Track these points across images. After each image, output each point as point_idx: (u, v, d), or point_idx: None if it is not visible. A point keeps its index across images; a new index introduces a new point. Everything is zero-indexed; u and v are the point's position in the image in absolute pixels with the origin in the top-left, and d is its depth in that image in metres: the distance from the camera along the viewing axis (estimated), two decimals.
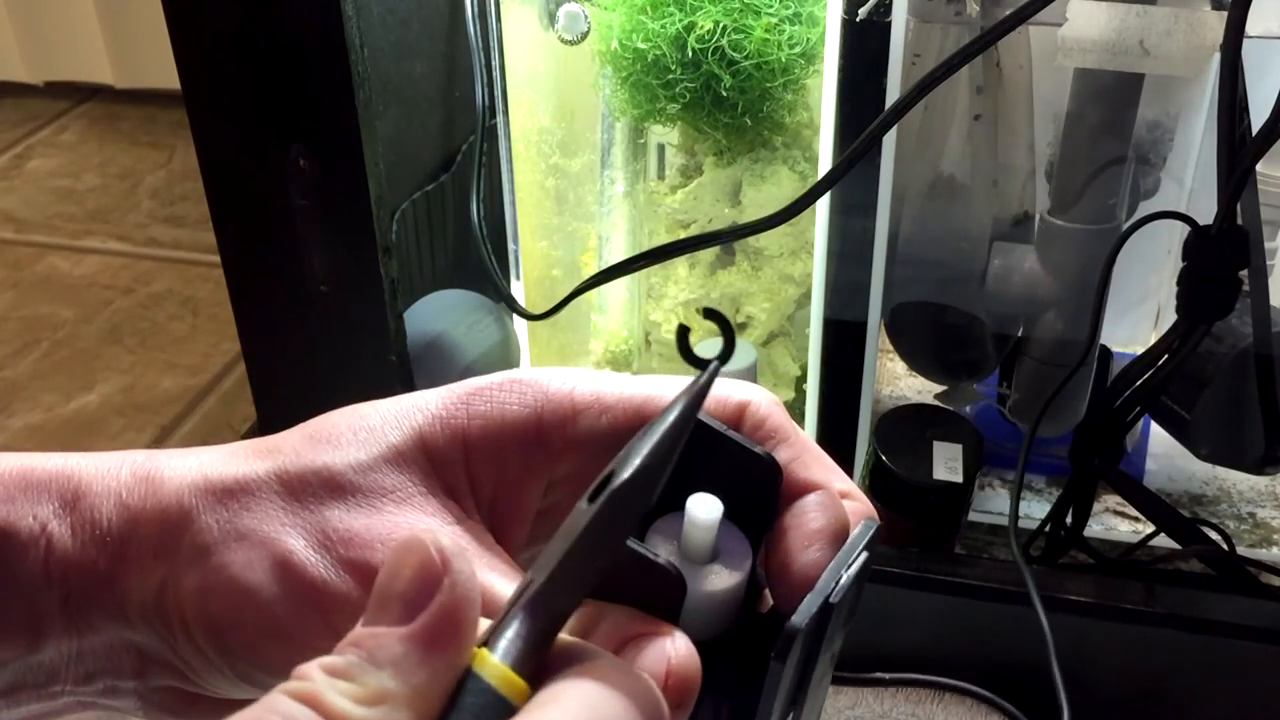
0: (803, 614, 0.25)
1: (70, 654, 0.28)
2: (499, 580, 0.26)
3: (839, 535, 0.27)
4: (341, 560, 0.26)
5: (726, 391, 0.29)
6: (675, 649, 0.24)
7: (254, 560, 0.26)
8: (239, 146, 0.60)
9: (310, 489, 0.27)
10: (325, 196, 0.60)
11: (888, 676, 0.56)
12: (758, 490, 0.27)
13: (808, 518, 0.27)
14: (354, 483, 0.27)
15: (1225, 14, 0.53)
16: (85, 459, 0.28)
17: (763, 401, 0.29)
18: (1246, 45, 0.52)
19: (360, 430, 0.28)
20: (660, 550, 0.26)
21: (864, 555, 0.27)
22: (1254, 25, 0.52)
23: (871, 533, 0.27)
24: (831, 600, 0.26)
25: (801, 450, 0.28)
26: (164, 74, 1.58)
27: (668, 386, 0.29)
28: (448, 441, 0.27)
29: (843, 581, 0.26)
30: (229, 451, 0.28)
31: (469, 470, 0.28)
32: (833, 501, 0.28)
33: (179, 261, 1.34)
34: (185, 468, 0.28)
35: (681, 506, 0.26)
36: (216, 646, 0.27)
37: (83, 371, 1.14)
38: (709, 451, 0.27)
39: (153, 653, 0.28)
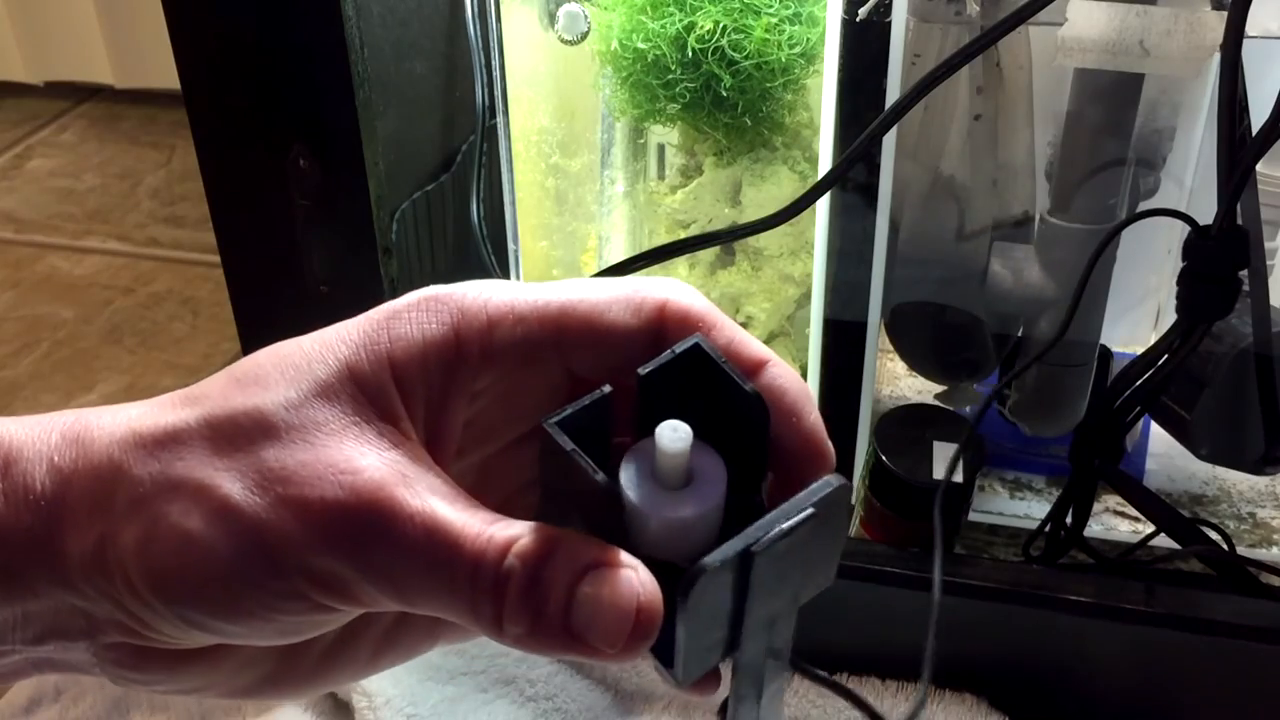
0: (716, 556, 0.25)
1: (16, 618, 0.28)
2: (440, 504, 0.26)
3: (808, 394, 0.29)
4: (281, 498, 0.26)
5: (641, 293, 0.29)
6: (643, 584, 0.25)
7: (190, 508, 0.26)
8: (239, 146, 0.60)
9: (242, 431, 0.27)
10: (325, 196, 0.60)
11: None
12: (743, 422, 0.28)
13: (778, 391, 0.28)
14: (286, 421, 0.27)
15: (1225, 14, 0.53)
16: (15, 424, 0.28)
17: (680, 295, 0.29)
18: (1246, 45, 0.52)
19: (287, 369, 0.28)
20: (635, 474, 0.26)
21: (808, 512, 0.26)
22: (1254, 25, 0.52)
23: (826, 492, 0.26)
24: (754, 549, 0.25)
25: (733, 332, 0.29)
26: (164, 74, 1.58)
27: (584, 290, 0.29)
28: (373, 367, 0.28)
29: (771, 534, 0.25)
30: (156, 404, 0.28)
31: (400, 392, 0.28)
32: (784, 370, 0.29)
33: (179, 261, 1.34)
34: (114, 424, 0.28)
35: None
36: (161, 598, 0.27)
37: (83, 371, 1.14)
38: (698, 377, 0.27)
39: (98, 613, 0.28)
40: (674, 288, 0.29)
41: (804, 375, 0.78)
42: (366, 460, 0.27)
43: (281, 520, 0.26)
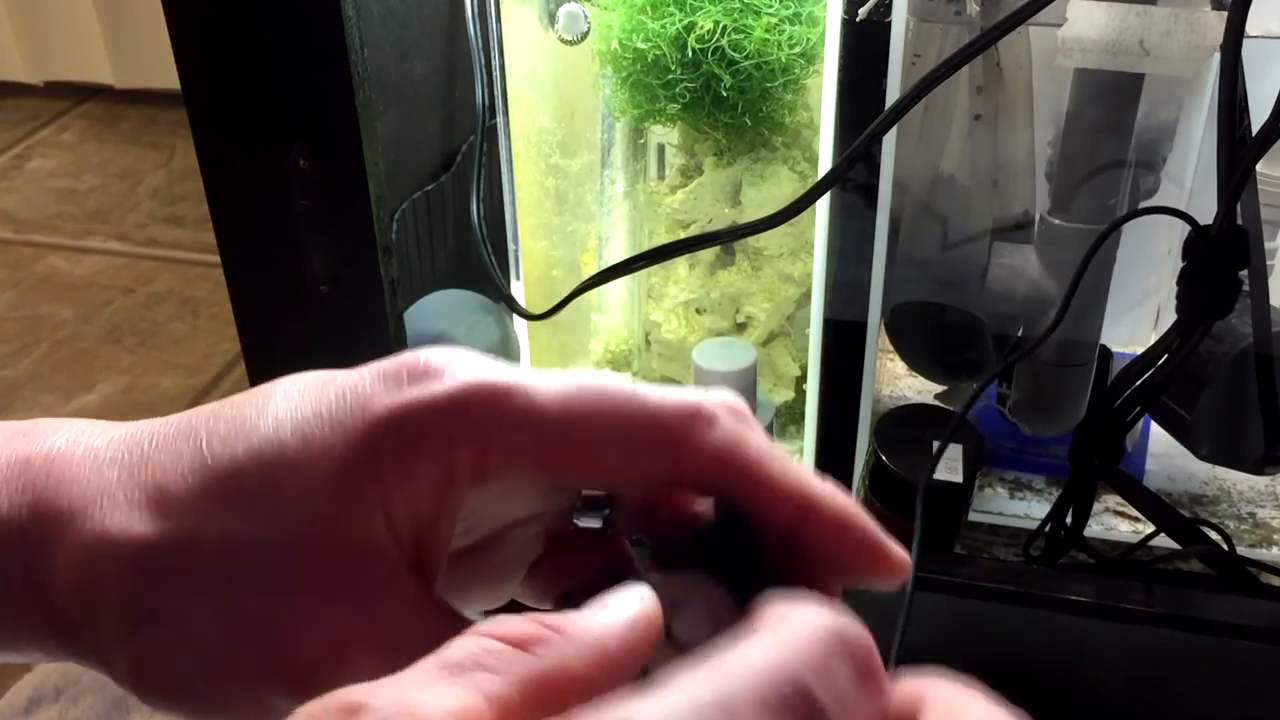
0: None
1: (10, 649, 0.28)
2: (415, 694, 0.22)
3: (861, 514, 0.27)
4: (263, 655, 0.25)
5: (660, 426, 0.26)
6: None
7: (176, 650, 0.26)
8: (239, 146, 0.60)
9: (219, 565, 0.26)
10: (325, 196, 0.60)
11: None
12: (743, 556, 0.27)
13: (839, 534, 0.27)
14: (268, 567, 0.25)
15: (1225, 14, 0.53)
16: None
17: (705, 433, 0.26)
18: (1246, 45, 0.52)
19: (269, 490, 0.26)
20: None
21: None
22: (1254, 25, 0.52)
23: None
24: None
25: (769, 469, 0.27)
26: (164, 74, 1.58)
27: (594, 411, 0.26)
28: (363, 511, 0.26)
29: None
30: (124, 493, 0.26)
31: (389, 521, 0.26)
32: (831, 504, 0.27)
33: (179, 261, 1.34)
34: (84, 523, 0.26)
35: (687, 560, 0.26)
36: (153, 705, 0.27)
37: (83, 371, 1.14)
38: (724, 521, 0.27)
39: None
40: (700, 418, 0.26)
41: (804, 375, 0.78)
42: (335, 643, 0.25)
43: (267, 677, 0.25)
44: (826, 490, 0.27)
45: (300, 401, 0.27)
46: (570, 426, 0.26)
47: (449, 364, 0.27)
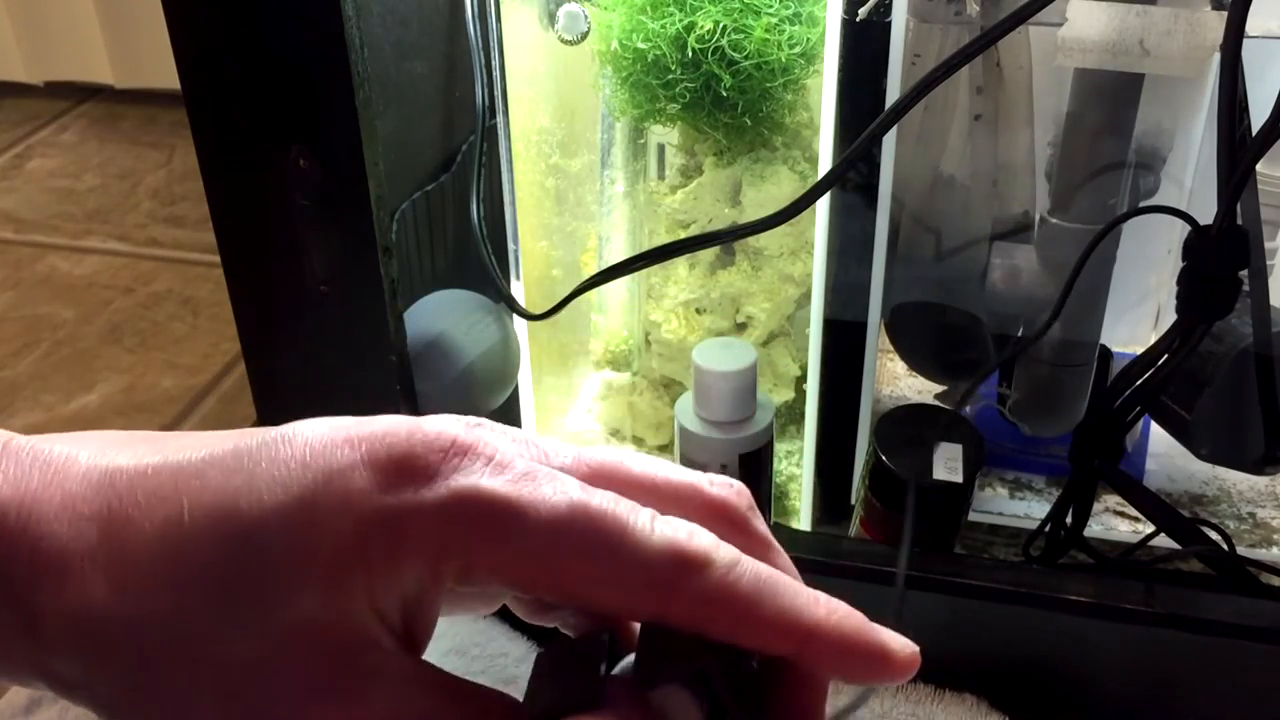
0: None
1: None
2: None
3: (859, 630, 0.27)
4: None
5: (650, 576, 0.26)
6: None
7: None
8: (239, 146, 0.60)
9: (209, 661, 0.25)
10: (325, 196, 0.60)
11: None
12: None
13: (838, 663, 0.27)
14: (260, 666, 0.25)
15: (1225, 14, 0.53)
16: None
17: (695, 586, 0.26)
18: (1246, 45, 0.52)
19: (256, 588, 0.25)
20: None
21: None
22: (1254, 25, 0.52)
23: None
24: None
25: (757, 619, 0.26)
26: (164, 74, 1.58)
27: (582, 548, 0.26)
28: (353, 605, 0.26)
29: None
30: (105, 557, 0.26)
31: (377, 611, 0.26)
32: (828, 636, 0.27)
33: (179, 261, 1.34)
34: (65, 589, 0.26)
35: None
36: None
37: (83, 371, 1.14)
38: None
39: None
40: (689, 566, 0.26)
41: (804, 375, 0.78)
42: None
43: None
44: (821, 616, 0.27)
45: (288, 484, 0.26)
46: (558, 560, 0.26)
47: (443, 463, 0.26)
